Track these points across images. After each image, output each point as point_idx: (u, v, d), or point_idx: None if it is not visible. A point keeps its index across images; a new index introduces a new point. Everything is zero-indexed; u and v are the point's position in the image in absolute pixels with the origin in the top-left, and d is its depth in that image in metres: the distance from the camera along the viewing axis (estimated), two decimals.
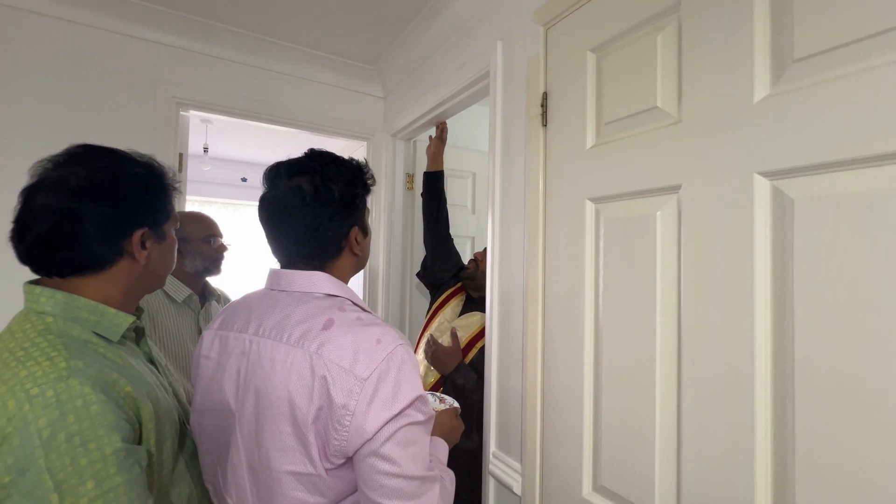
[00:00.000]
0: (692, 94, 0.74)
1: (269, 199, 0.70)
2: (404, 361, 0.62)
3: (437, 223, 1.64)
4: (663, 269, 0.77)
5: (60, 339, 0.55)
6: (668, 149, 0.77)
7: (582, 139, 0.96)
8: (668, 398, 0.75)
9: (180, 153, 1.70)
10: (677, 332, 0.75)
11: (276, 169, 0.70)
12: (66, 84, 1.48)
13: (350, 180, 0.70)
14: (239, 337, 0.68)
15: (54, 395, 0.49)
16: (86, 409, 0.50)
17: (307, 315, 0.64)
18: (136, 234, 0.62)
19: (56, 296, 0.58)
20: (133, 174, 0.63)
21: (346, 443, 0.58)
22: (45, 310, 0.58)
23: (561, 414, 0.98)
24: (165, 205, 0.67)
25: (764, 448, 0.62)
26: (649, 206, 0.81)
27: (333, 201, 0.68)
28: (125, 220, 0.61)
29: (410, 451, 0.59)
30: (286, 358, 0.61)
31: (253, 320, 0.68)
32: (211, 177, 3.81)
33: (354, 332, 0.61)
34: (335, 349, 0.60)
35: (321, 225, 0.68)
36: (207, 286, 1.51)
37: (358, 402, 0.57)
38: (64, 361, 0.52)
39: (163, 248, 0.68)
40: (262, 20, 1.66)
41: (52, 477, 0.47)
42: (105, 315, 0.61)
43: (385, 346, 0.61)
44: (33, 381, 0.50)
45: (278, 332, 0.64)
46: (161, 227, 0.66)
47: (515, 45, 1.21)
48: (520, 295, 1.15)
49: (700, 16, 0.73)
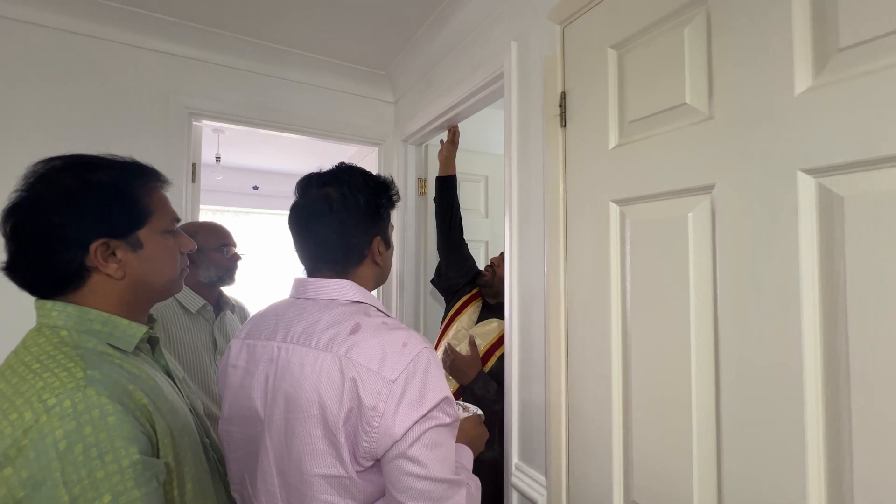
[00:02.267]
0: (724, 89, 0.71)
1: (299, 206, 0.73)
2: (430, 364, 0.63)
3: (451, 228, 1.62)
4: (697, 273, 0.74)
5: (76, 350, 0.55)
6: (699, 147, 0.74)
7: (604, 139, 0.92)
8: (706, 408, 0.71)
9: (193, 163, 1.70)
10: (714, 337, 0.71)
11: (308, 179, 0.74)
12: (79, 96, 1.49)
13: (375, 192, 0.74)
14: (267, 345, 0.69)
15: (71, 405, 0.48)
16: (103, 420, 0.49)
17: (334, 320, 0.65)
18: (92, 247, 0.57)
19: (67, 309, 0.58)
20: (84, 182, 0.58)
21: (375, 444, 0.58)
22: (57, 323, 0.57)
23: (588, 424, 0.94)
24: (133, 210, 0.61)
25: (816, 462, 0.58)
26: (680, 207, 0.77)
27: (359, 209, 0.71)
28: (76, 233, 0.57)
29: (437, 454, 0.60)
30: (315, 362, 0.62)
31: (280, 328, 0.69)
32: (223, 186, 3.84)
33: (381, 336, 0.63)
34: (363, 352, 0.61)
35: (346, 231, 0.71)
36: (222, 296, 1.50)
37: (387, 403, 0.58)
38: (81, 371, 0.51)
39: (143, 257, 0.62)
40: (272, 29, 1.66)
41: (68, 491, 0.46)
42: (117, 326, 0.60)
43: (411, 348, 0.62)
44: (50, 391, 0.49)
45: (307, 337, 0.65)
46: (132, 234, 0.61)
47: (530, 44, 1.18)
48: (540, 301, 1.11)
49: (731, 7, 0.70)
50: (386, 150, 2.07)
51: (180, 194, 1.62)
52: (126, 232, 0.60)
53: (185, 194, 1.63)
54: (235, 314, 1.56)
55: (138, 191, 0.62)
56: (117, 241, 0.59)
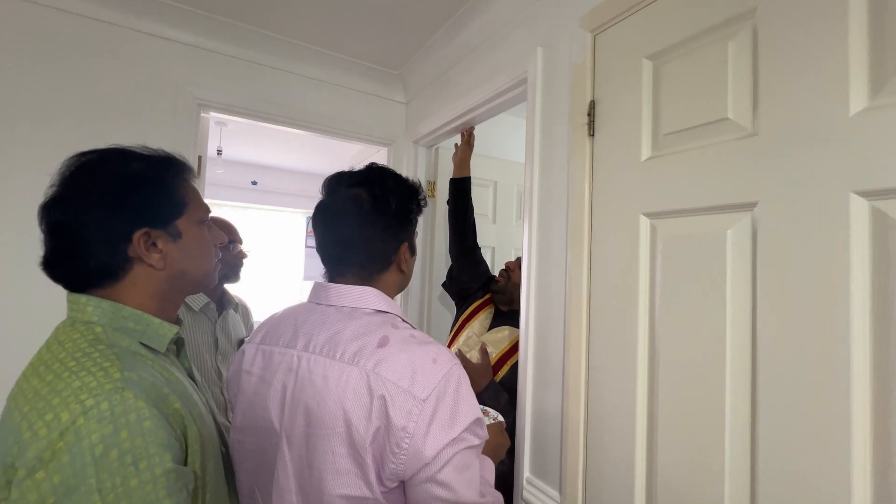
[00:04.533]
0: (770, 105, 0.69)
1: (326, 205, 0.70)
2: (461, 382, 0.60)
3: (466, 232, 1.58)
4: (734, 292, 0.72)
5: (112, 349, 0.53)
6: (740, 163, 0.72)
7: (636, 150, 0.91)
8: (741, 433, 0.70)
9: (199, 155, 1.66)
10: (751, 360, 0.69)
11: (338, 178, 0.71)
12: (87, 81, 1.44)
13: (406, 196, 0.71)
14: (285, 352, 0.65)
15: (109, 407, 0.46)
16: (139, 425, 0.47)
17: (360, 331, 0.62)
18: (136, 236, 0.56)
19: (102, 305, 0.56)
20: (123, 174, 0.58)
21: (403, 466, 0.56)
22: (92, 319, 0.55)
23: (608, 441, 0.92)
24: (170, 200, 0.61)
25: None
26: (717, 223, 0.75)
27: (389, 213, 0.68)
28: (119, 223, 0.56)
29: (466, 477, 0.58)
30: (341, 375, 0.59)
31: (301, 335, 0.65)
32: (222, 179, 3.77)
33: (411, 351, 0.60)
34: (393, 368, 0.58)
35: (375, 235, 0.68)
36: (225, 294, 1.46)
37: (417, 423, 0.55)
38: (118, 372, 0.49)
39: (182, 247, 0.61)
40: (285, 22, 1.62)
41: (102, 498, 0.43)
42: (150, 325, 0.59)
43: (441, 365, 0.59)
44: (88, 391, 0.46)
45: (331, 348, 0.62)
46: (171, 223, 0.60)
47: (557, 51, 1.16)
48: (559, 310, 1.09)
49: (781, 22, 0.68)
50: (396, 150, 2.04)
51: None
52: (166, 221, 0.60)
53: None
54: (238, 313, 1.52)
55: (173, 181, 0.62)
56: (158, 230, 0.59)
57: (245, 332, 1.53)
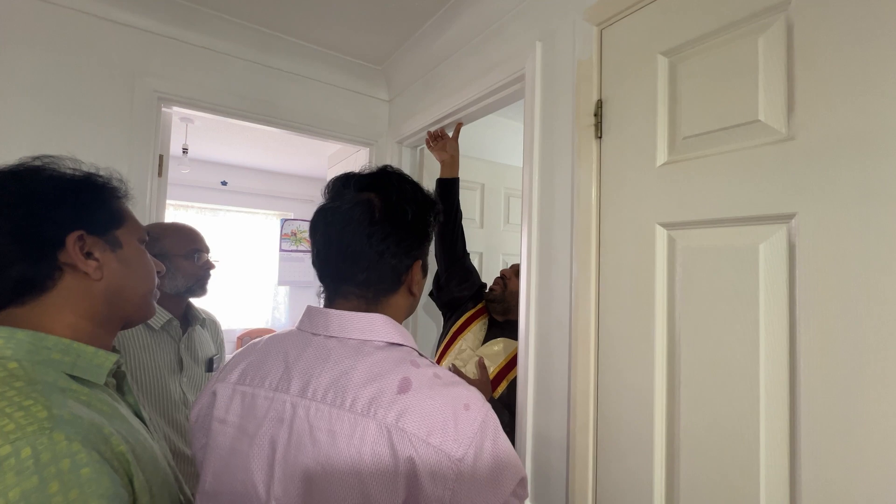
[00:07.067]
0: (809, 107, 0.63)
1: (330, 210, 0.58)
2: (497, 431, 0.50)
3: (455, 238, 1.47)
4: (768, 311, 0.65)
5: (33, 386, 0.43)
6: (774, 170, 0.66)
7: (650, 155, 0.84)
8: (778, 467, 0.63)
9: (160, 155, 1.49)
10: (788, 386, 0.63)
11: (345, 179, 0.60)
12: (26, 68, 1.26)
13: (424, 206, 0.60)
14: (274, 397, 0.52)
15: (32, 454, 0.37)
16: (74, 474, 0.38)
17: (374, 372, 0.50)
18: (70, 238, 0.49)
19: (17, 335, 0.47)
20: (58, 177, 0.52)
21: None
22: (4, 354, 0.46)
23: (621, 471, 0.85)
24: (110, 207, 0.55)
25: None
26: (747, 236, 0.69)
27: (405, 224, 0.57)
28: (49, 224, 0.49)
29: None
30: (354, 431, 0.47)
31: (295, 375, 0.52)
32: (188, 179, 3.53)
33: (440, 396, 0.49)
34: (420, 420, 0.46)
35: (387, 248, 0.56)
36: (191, 308, 1.31)
37: (454, 492, 0.45)
38: (45, 411, 0.40)
39: (122, 258, 0.54)
40: (260, 10, 1.48)
41: None
42: (83, 354, 0.50)
43: (475, 412, 0.49)
44: (3, 437, 0.38)
45: (337, 394, 0.49)
46: (110, 232, 0.54)
47: (558, 46, 1.09)
48: (563, 324, 1.01)
49: (820, 15, 0.62)
50: (379, 150, 1.93)
51: (144, 190, 1.40)
52: (104, 229, 0.53)
53: (151, 190, 1.42)
54: (206, 329, 1.37)
55: (109, 194, 0.54)
56: (94, 237, 0.52)
57: (214, 349, 1.38)
